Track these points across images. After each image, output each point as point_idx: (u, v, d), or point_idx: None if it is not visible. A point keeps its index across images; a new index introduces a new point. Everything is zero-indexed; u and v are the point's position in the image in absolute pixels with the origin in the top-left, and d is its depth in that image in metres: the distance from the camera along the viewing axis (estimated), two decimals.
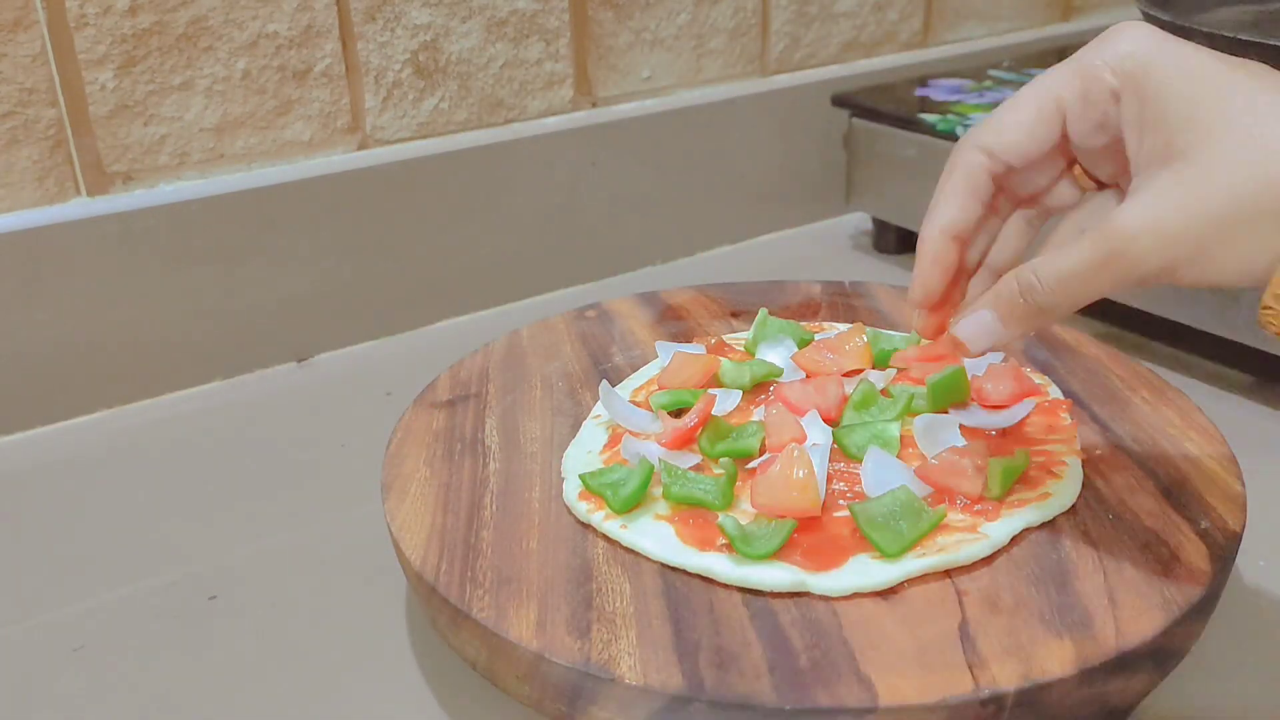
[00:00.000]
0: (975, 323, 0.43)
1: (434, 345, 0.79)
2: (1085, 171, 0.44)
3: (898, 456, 0.49)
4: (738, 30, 0.91)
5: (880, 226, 0.92)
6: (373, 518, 0.58)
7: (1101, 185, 0.43)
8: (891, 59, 1.00)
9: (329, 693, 0.48)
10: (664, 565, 0.45)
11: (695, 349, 0.59)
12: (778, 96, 0.93)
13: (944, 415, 0.52)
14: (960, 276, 0.46)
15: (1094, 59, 0.40)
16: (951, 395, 0.53)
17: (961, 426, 0.51)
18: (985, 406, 0.53)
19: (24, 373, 0.69)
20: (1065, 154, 0.43)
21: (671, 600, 0.43)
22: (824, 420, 0.51)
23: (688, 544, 0.45)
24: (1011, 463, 0.48)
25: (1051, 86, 0.41)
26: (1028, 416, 0.53)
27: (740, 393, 0.55)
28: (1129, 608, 0.42)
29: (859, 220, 0.98)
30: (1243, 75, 0.37)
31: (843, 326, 0.62)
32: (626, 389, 0.58)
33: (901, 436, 0.51)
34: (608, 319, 0.67)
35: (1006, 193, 0.45)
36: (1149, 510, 0.47)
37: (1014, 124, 0.42)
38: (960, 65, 1.00)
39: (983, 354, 0.44)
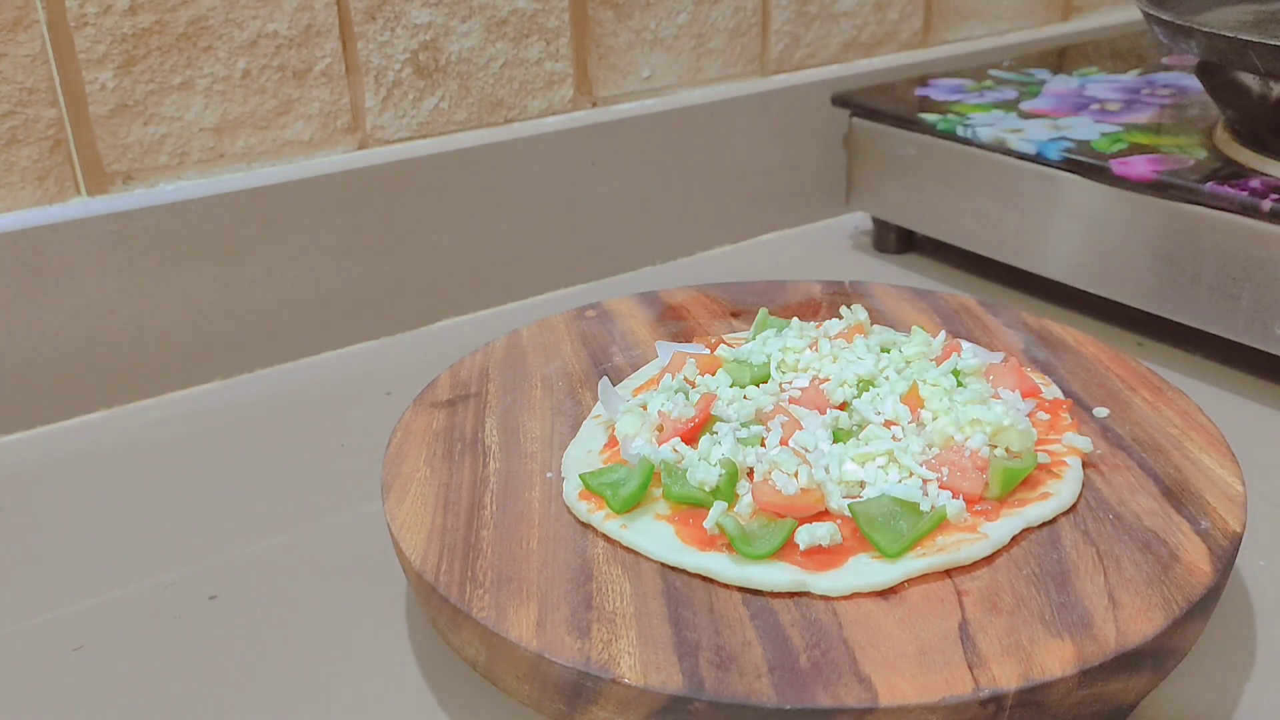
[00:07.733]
0: None
1: (434, 345, 0.79)
2: None
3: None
4: (738, 30, 0.91)
5: (880, 226, 0.92)
6: (373, 518, 0.59)
7: None
8: (891, 59, 1.00)
9: (329, 693, 0.48)
10: (664, 565, 0.45)
11: (695, 349, 0.59)
12: (778, 96, 0.93)
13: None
14: None
15: None
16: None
17: None
18: None
19: (24, 373, 0.69)
20: None
21: (671, 600, 0.43)
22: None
23: (688, 544, 0.45)
24: (1015, 464, 0.48)
25: None
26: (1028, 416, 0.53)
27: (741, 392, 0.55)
28: (1129, 608, 0.42)
29: (859, 220, 0.98)
30: None
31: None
32: (626, 389, 0.58)
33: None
34: (608, 319, 0.67)
35: None
36: (1149, 510, 0.47)
37: None
38: (960, 65, 1.00)
39: None
